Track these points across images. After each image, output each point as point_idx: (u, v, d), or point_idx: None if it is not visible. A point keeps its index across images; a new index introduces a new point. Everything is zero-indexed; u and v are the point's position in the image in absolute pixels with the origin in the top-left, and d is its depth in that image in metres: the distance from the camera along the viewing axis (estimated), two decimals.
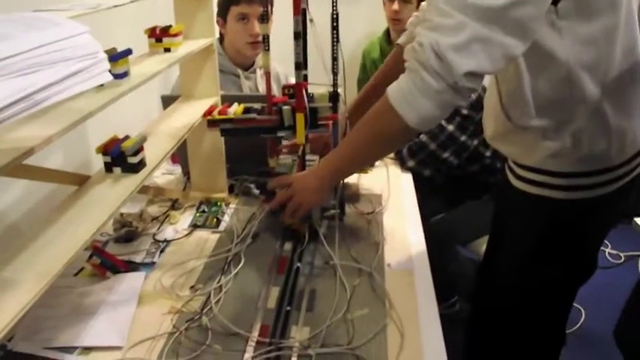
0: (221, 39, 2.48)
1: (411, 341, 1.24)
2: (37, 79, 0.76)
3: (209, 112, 1.63)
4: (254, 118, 1.61)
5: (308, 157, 1.70)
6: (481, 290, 1.91)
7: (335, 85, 1.59)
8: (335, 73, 1.58)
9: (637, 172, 1.47)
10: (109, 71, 1.01)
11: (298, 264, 1.52)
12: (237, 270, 1.50)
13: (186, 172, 2.05)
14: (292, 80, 1.58)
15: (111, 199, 1.22)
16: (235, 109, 1.64)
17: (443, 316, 1.34)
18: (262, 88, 2.53)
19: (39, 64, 0.79)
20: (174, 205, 1.90)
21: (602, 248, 3.45)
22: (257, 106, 1.66)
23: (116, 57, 1.21)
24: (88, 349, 1.25)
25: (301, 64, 1.56)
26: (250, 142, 1.80)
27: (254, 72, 2.56)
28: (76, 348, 1.25)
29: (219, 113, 1.62)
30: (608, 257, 3.45)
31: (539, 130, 1.37)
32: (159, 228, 1.76)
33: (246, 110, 1.65)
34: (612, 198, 1.46)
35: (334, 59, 1.56)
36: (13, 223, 1.57)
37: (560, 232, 1.50)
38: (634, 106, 1.39)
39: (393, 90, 1.21)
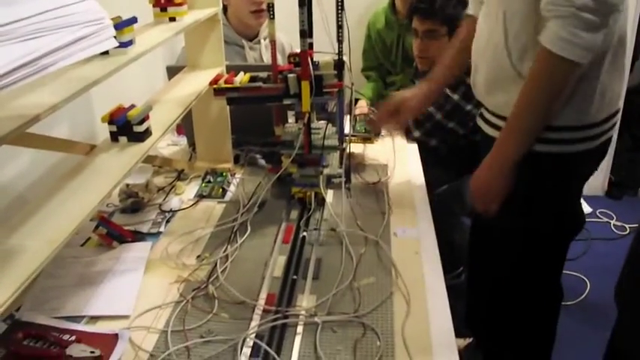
0: (225, 10, 2.47)
1: (417, 309, 1.25)
2: (42, 44, 0.76)
3: (215, 80, 1.63)
4: (260, 86, 1.60)
5: (313, 125, 1.69)
6: (474, 254, 1.93)
7: (340, 52, 1.58)
8: (340, 41, 1.57)
9: (611, 134, 1.55)
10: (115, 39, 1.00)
11: (304, 233, 1.52)
12: (243, 239, 1.51)
13: (191, 143, 2.05)
14: (297, 50, 1.58)
15: (117, 167, 1.22)
16: (241, 78, 1.63)
17: (449, 287, 1.34)
18: (267, 59, 2.53)
19: (43, 29, 0.78)
20: (180, 175, 1.90)
21: (607, 220, 3.49)
22: (263, 74, 1.65)
23: (121, 25, 1.20)
24: (95, 318, 1.26)
25: (306, 32, 1.55)
26: (255, 113, 1.79)
27: (258, 42, 2.54)
28: (83, 317, 1.26)
29: (226, 82, 1.62)
30: (614, 229, 3.45)
31: None
32: (165, 198, 1.76)
33: (252, 79, 1.65)
34: (592, 155, 1.54)
35: (339, 27, 1.55)
36: (20, 194, 1.57)
37: (545, 185, 1.55)
38: (619, 66, 1.47)
39: (552, 39, 1.29)
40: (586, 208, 3.61)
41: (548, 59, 1.31)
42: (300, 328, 1.19)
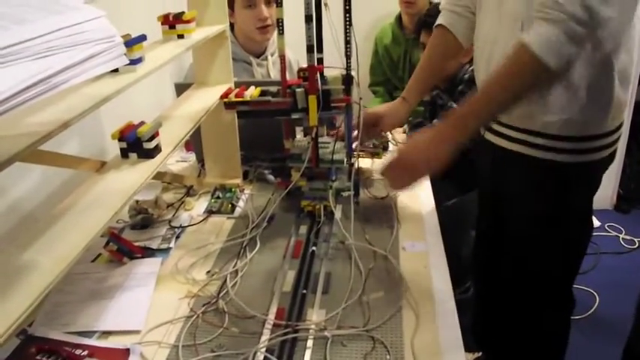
0: (232, 28, 2.49)
1: (426, 323, 1.25)
2: (55, 62, 0.77)
3: (226, 94, 1.65)
4: (269, 100, 1.63)
5: (323, 139, 1.71)
6: (480, 264, 1.93)
7: (348, 68, 1.60)
8: (348, 57, 1.58)
9: (617, 145, 1.57)
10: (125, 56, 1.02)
11: (314, 247, 1.53)
12: (252, 254, 1.52)
13: (200, 160, 2.06)
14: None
15: (128, 184, 1.23)
16: (252, 92, 1.66)
17: (457, 301, 1.34)
18: (274, 75, 2.54)
19: (56, 47, 0.79)
20: (189, 191, 1.91)
21: (616, 234, 3.48)
22: (273, 89, 1.67)
23: (131, 43, 1.22)
24: (106, 333, 1.26)
25: (313, 47, 1.56)
26: (263, 129, 1.81)
27: (265, 59, 2.56)
28: (95, 332, 1.26)
29: (236, 96, 1.64)
30: (622, 243, 3.44)
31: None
32: (174, 214, 1.77)
33: (262, 93, 1.68)
34: (605, 163, 1.57)
35: (347, 43, 1.56)
36: (30, 211, 1.58)
37: (569, 195, 1.56)
38: (628, 75, 1.49)
39: (536, 41, 1.27)
40: (595, 222, 3.60)
41: (526, 58, 1.29)
42: (310, 342, 1.20)
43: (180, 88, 1.90)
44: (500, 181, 1.72)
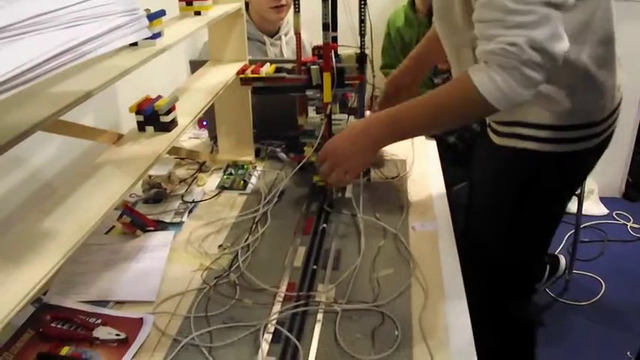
0: (246, 7, 2.50)
1: (434, 300, 1.27)
2: (82, 32, 0.79)
3: (242, 70, 1.68)
4: (284, 76, 1.66)
5: (335, 116, 1.72)
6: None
7: (362, 46, 1.61)
8: (362, 35, 1.59)
9: (611, 131, 1.53)
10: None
11: (324, 225, 1.55)
12: (264, 229, 1.54)
13: (213, 137, 2.08)
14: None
15: (145, 155, 1.25)
16: (267, 69, 1.68)
17: None
18: (287, 55, 2.56)
19: (83, 17, 0.81)
20: (202, 167, 1.93)
21: (624, 222, 3.48)
22: (288, 66, 1.70)
23: (151, 17, 1.23)
24: (120, 303, 1.28)
25: (328, 26, 1.58)
26: (276, 108, 1.82)
27: (279, 38, 2.57)
28: (108, 302, 1.28)
29: (252, 72, 1.67)
30: (630, 231, 3.45)
31: None
32: (187, 190, 1.79)
33: (277, 70, 1.71)
34: (592, 153, 1.52)
35: (361, 21, 1.58)
36: (48, 181, 1.61)
37: (544, 183, 1.53)
38: (611, 63, 1.43)
39: (485, 86, 1.22)
40: (603, 210, 3.62)
41: (471, 93, 1.24)
42: (320, 316, 1.22)
43: (195, 65, 1.91)
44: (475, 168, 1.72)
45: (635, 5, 3.31)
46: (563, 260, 2.96)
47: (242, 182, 1.80)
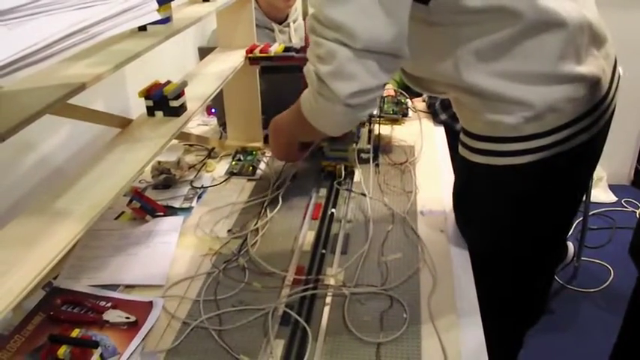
0: None
1: (443, 284, 1.27)
2: (93, 13, 0.79)
3: (251, 50, 1.68)
4: (292, 56, 1.66)
5: None
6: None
7: None
8: None
9: (610, 111, 1.28)
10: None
11: (333, 210, 1.55)
12: (273, 214, 1.55)
13: (221, 123, 2.09)
14: None
15: (154, 140, 1.25)
16: (276, 48, 1.68)
17: None
18: (296, 42, 2.55)
19: None
20: (211, 154, 1.93)
21: (632, 209, 3.48)
22: (296, 46, 1.71)
23: (160, 2, 1.23)
24: (130, 287, 1.30)
25: None
26: (285, 94, 1.82)
27: (288, 26, 2.57)
28: (118, 286, 1.29)
29: (261, 51, 1.67)
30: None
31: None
32: (196, 175, 1.80)
33: (286, 49, 1.72)
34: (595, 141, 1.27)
35: None
36: (58, 165, 1.62)
37: (540, 195, 1.31)
38: (578, 55, 1.14)
39: (319, 123, 1.24)
40: (611, 197, 3.61)
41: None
42: (328, 299, 1.22)
43: (204, 52, 1.91)
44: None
45: None
46: (571, 247, 2.96)
47: (251, 168, 1.80)
